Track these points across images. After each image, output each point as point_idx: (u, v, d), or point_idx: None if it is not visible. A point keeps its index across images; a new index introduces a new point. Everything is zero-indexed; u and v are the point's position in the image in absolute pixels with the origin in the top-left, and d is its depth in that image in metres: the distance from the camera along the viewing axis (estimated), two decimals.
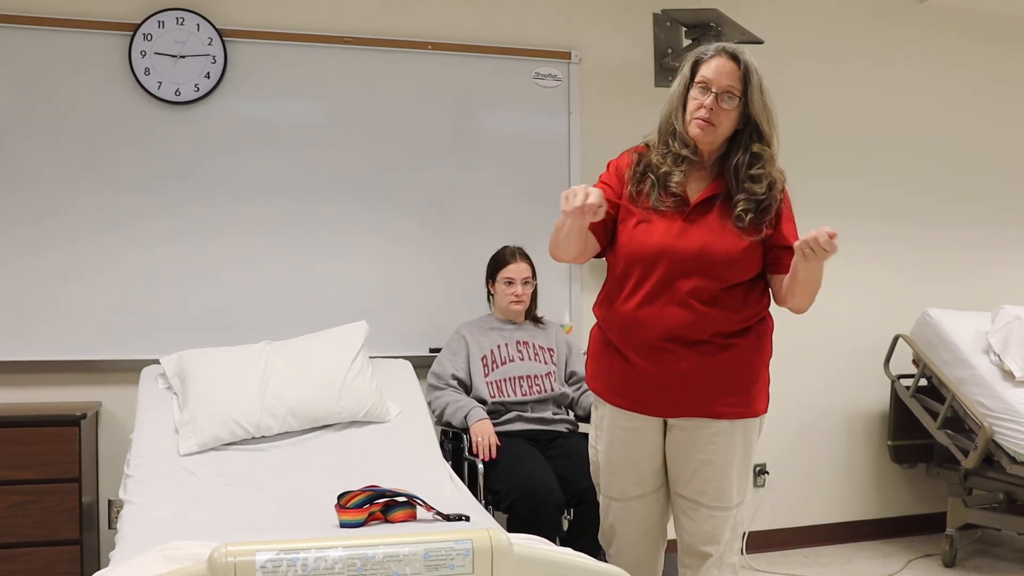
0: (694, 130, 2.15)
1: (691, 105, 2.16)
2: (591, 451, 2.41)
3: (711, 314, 2.11)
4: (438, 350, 3.30)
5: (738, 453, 2.18)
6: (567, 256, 2.24)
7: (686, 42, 3.70)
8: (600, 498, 2.41)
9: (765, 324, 2.23)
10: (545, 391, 3.19)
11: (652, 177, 2.20)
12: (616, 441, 2.29)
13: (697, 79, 2.15)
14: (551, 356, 3.27)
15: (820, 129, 4.10)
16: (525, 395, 3.16)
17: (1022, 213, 4.42)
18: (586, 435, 3.15)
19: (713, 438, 2.17)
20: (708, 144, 2.17)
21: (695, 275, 2.11)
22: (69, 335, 3.22)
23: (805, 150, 4.09)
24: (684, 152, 2.18)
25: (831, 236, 1.94)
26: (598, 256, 2.31)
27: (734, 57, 2.12)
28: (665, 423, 2.24)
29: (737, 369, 2.16)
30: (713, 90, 2.12)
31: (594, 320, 2.41)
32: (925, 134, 4.26)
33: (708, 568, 2.23)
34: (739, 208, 2.14)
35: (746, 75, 2.12)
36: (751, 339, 2.18)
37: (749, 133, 2.15)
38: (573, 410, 3.31)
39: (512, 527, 2.71)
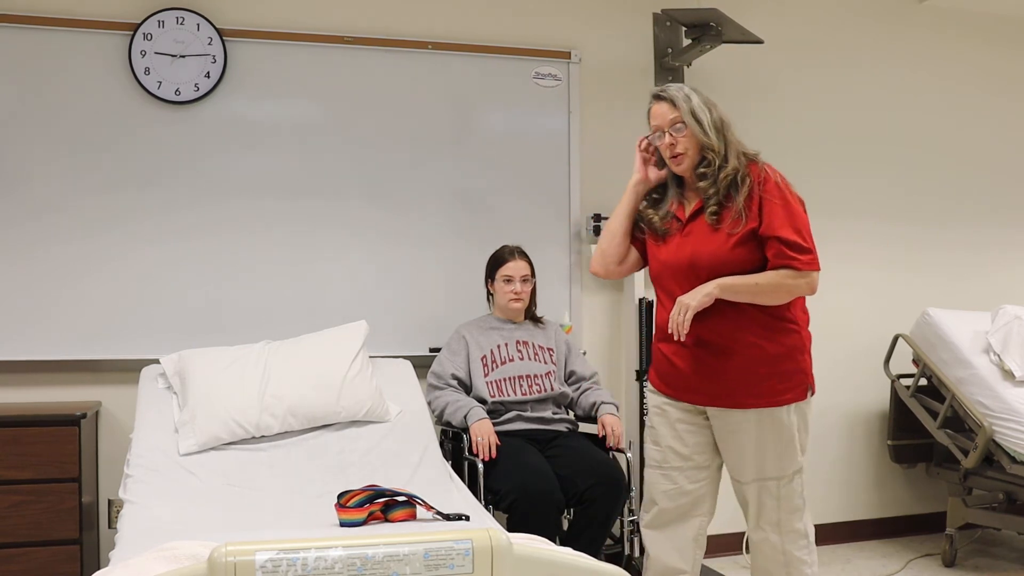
0: (675, 167, 2.47)
1: (661, 152, 2.49)
2: (646, 432, 2.63)
3: (720, 318, 2.35)
4: (438, 350, 3.30)
5: (767, 436, 2.38)
6: (613, 259, 2.60)
7: (686, 42, 3.70)
8: (646, 471, 2.62)
9: (786, 320, 2.39)
10: (545, 391, 3.19)
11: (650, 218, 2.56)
12: (659, 415, 2.56)
13: (652, 130, 2.49)
14: (551, 356, 3.27)
15: (819, 129, 4.11)
16: (525, 395, 3.16)
17: (1022, 213, 4.43)
18: (585, 435, 3.17)
19: (738, 426, 2.40)
20: (686, 170, 2.45)
21: (695, 283, 2.35)
22: (69, 335, 3.23)
23: (804, 150, 4.09)
24: (655, 195, 2.57)
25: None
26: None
27: (660, 97, 2.46)
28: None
29: (756, 365, 2.36)
30: (665, 129, 2.43)
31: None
32: (925, 134, 4.27)
33: (763, 527, 2.46)
34: (708, 209, 2.39)
35: (675, 104, 2.42)
36: (771, 336, 2.37)
37: (703, 147, 2.43)
38: (573, 410, 3.31)
39: (512, 527, 2.71)
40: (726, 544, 3.93)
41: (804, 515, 2.47)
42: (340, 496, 2.18)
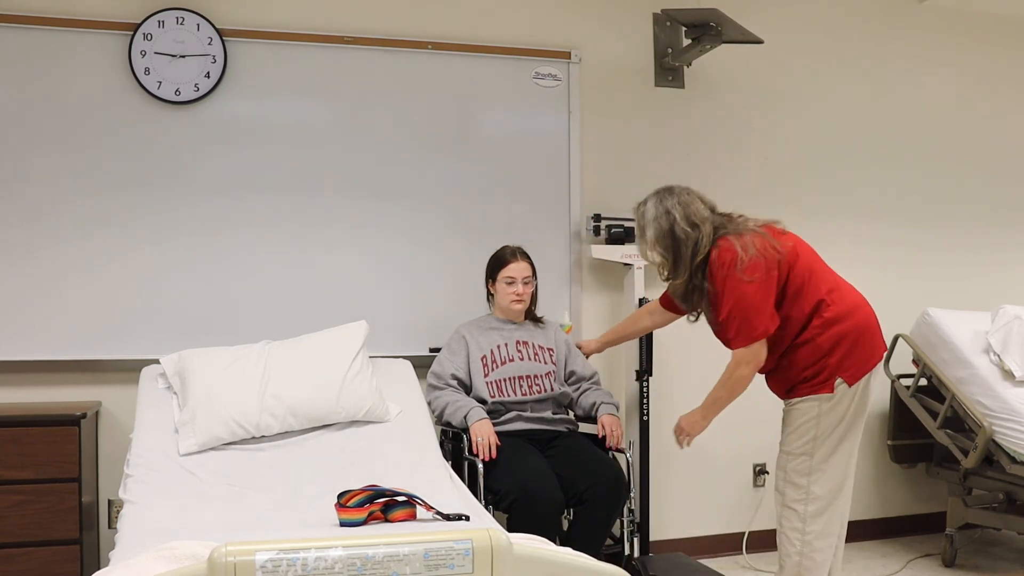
0: None
1: None
2: None
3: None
4: (438, 350, 3.30)
5: (789, 418, 2.77)
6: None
7: (686, 42, 3.70)
8: None
9: (796, 341, 2.70)
10: (545, 391, 3.19)
11: None
12: None
13: None
14: (551, 356, 3.27)
15: (818, 128, 4.11)
16: (525, 395, 3.16)
17: (1021, 213, 4.43)
18: (585, 435, 3.17)
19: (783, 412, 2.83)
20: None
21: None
22: (69, 335, 3.23)
23: (803, 150, 4.10)
24: None
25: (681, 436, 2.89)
26: None
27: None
28: None
29: (786, 375, 2.75)
30: None
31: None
32: (924, 134, 4.27)
33: (776, 490, 2.80)
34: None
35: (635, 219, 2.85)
36: (789, 357, 2.73)
37: None
38: (573, 410, 3.31)
39: (512, 527, 2.71)
40: (726, 544, 3.94)
41: (807, 501, 2.69)
42: (340, 496, 2.18)
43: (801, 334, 2.68)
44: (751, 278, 2.58)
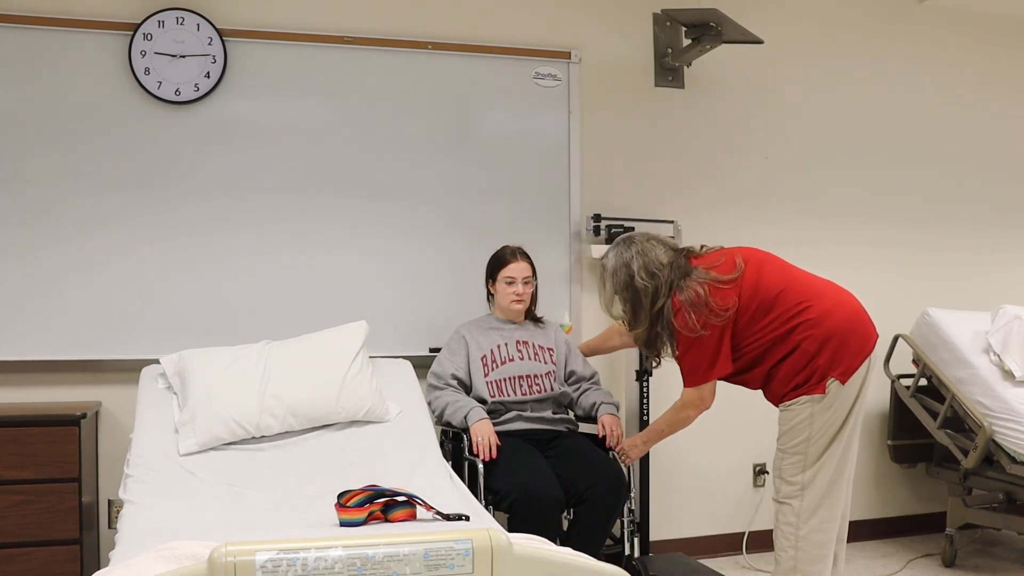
0: None
1: None
2: None
3: (743, 378, 2.84)
4: (438, 350, 3.30)
5: (783, 418, 2.79)
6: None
7: (686, 42, 3.71)
8: None
9: (787, 351, 2.73)
10: (545, 391, 3.19)
11: None
12: None
13: None
14: (551, 356, 3.27)
15: (818, 128, 4.11)
16: (525, 395, 3.16)
17: (1021, 213, 4.43)
18: (586, 435, 3.17)
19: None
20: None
21: None
22: (69, 335, 3.23)
23: (803, 149, 4.10)
24: None
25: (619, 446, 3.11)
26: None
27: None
28: None
29: (781, 381, 2.76)
30: None
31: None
32: (924, 134, 4.27)
33: (773, 486, 2.85)
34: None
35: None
36: (778, 368, 2.76)
37: None
38: (573, 410, 3.31)
39: (512, 527, 2.71)
40: (726, 544, 3.94)
41: (802, 497, 2.71)
42: (340, 496, 2.18)
43: (782, 345, 2.72)
44: (694, 334, 2.68)
